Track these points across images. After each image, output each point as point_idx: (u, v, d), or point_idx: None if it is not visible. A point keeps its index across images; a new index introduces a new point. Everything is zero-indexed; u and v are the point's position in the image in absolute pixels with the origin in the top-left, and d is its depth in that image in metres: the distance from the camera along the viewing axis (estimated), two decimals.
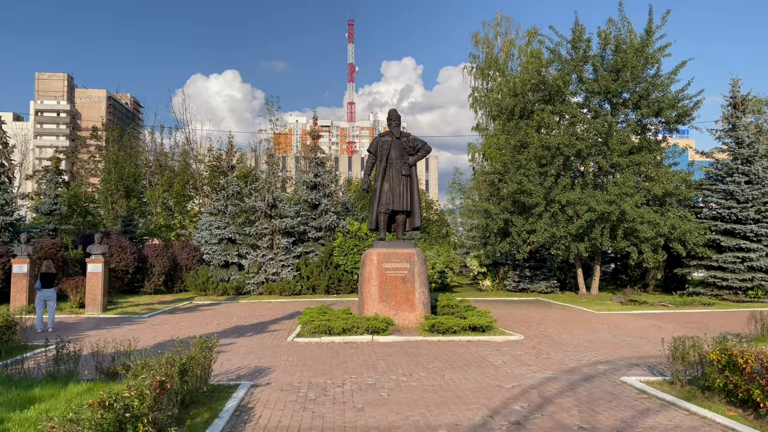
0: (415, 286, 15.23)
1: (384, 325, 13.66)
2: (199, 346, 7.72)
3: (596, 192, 23.02)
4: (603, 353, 11.78)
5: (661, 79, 23.74)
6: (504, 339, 13.53)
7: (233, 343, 12.91)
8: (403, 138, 16.35)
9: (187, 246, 28.09)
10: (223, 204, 28.27)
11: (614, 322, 16.97)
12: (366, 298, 15.27)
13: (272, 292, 25.73)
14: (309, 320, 14.47)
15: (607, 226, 22.54)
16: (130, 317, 18.16)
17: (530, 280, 27.70)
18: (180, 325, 16.11)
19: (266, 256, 26.40)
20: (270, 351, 11.96)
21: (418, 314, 15.09)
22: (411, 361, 10.82)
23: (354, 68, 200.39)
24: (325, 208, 28.04)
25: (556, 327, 15.89)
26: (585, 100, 25.28)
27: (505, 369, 10.13)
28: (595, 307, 20.81)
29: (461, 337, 13.44)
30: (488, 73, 44.22)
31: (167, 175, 34.56)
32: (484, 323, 14.20)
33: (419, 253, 15.68)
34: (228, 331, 14.90)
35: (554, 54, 25.06)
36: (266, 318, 17.97)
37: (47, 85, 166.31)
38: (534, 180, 23.69)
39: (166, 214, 32.71)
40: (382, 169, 16.09)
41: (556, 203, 23.13)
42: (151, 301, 23.13)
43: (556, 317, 18.31)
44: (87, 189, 35.37)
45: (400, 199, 16.05)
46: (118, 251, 25.13)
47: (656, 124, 24.60)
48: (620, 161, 22.51)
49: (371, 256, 15.45)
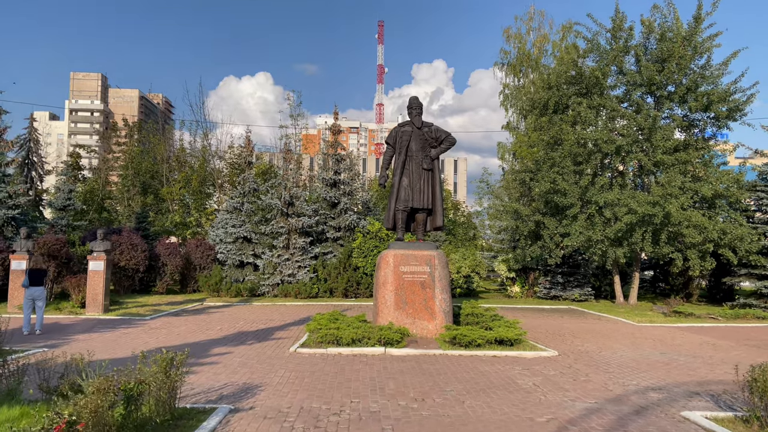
0: (436, 293, 13.67)
1: (398, 336, 12.13)
2: (162, 364, 6.30)
3: (637, 192, 21.10)
4: (653, 376, 10.04)
5: (711, 70, 21.70)
6: (535, 355, 11.87)
7: (228, 353, 11.53)
8: (425, 128, 14.79)
9: (201, 244, 26.95)
10: (239, 201, 27.07)
11: (659, 337, 15.12)
12: (380, 304, 13.76)
13: (287, 294, 24.41)
14: (316, 328, 13.02)
15: (649, 230, 20.59)
16: (130, 319, 16.98)
17: (563, 286, 25.82)
18: (178, 330, 14.83)
19: (282, 257, 25.10)
20: (267, 364, 10.53)
21: (437, 324, 13.52)
22: (426, 381, 9.26)
23: (383, 69, 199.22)
24: (344, 207, 26.62)
25: (593, 341, 14.14)
26: (625, 93, 23.33)
27: (538, 395, 8.51)
28: (636, 319, 18.93)
29: (486, 352, 11.83)
30: (520, 69, 42.37)
31: (185, 171, 33.62)
32: (513, 336, 12.56)
33: (441, 255, 14.11)
34: (228, 338, 13.55)
35: (592, 44, 23.21)
36: (275, 323, 16.61)
37: (82, 84, 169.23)
38: (569, 179, 21.88)
39: (182, 211, 31.76)
40: (401, 162, 14.56)
41: (592, 204, 21.29)
42: (159, 302, 22.01)
43: (593, 329, 16.53)
44: (104, 185, 34.62)
45: (421, 195, 14.50)
46: (129, 249, 24.11)
47: (704, 120, 22.51)
48: (665, 159, 20.53)
49: (387, 258, 13.93)
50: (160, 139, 37.46)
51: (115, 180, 36.53)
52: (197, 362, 10.51)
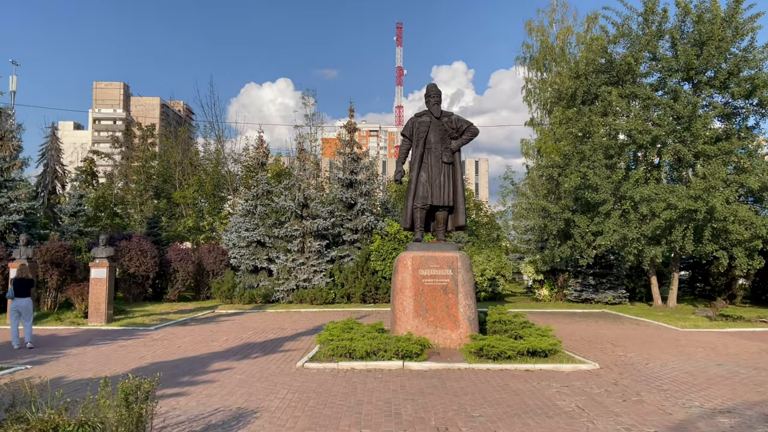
0: (459, 298, 12.35)
1: (418, 348, 10.84)
2: (121, 395, 5.10)
3: (676, 186, 19.51)
4: (716, 395, 8.59)
5: (755, 53, 20.02)
6: (573, 368, 10.47)
7: (228, 369, 10.35)
8: (445, 118, 13.48)
9: (214, 249, 25.96)
10: (252, 204, 26.01)
11: (709, 345, 13.59)
12: (398, 312, 12.48)
13: (303, 300, 23.25)
14: (328, 339, 11.79)
15: (691, 227, 18.98)
16: (134, 330, 15.95)
17: (594, 289, 24.23)
18: (180, 342, 13.72)
19: (297, 261, 23.95)
20: (269, 382, 9.32)
21: (462, 333, 12.20)
22: (450, 403, 7.96)
23: (402, 71, 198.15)
24: (361, 208, 25.40)
25: (636, 350, 12.68)
26: (659, 81, 21.73)
27: (583, 421, 7.15)
28: (679, 323, 17.35)
29: (517, 365, 10.47)
30: (543, 63, 40.79)
31: (198, 174, 32.73)
32: (547, 346, 11.17)
33: (464, 257, 12.79)
34: (232, 351, 12.39)
35: (622, 30, 21.68)
36: (286, 332, 15.43)
37: (104, 93, 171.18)
38: (600, 173, 20.36)
39: (196, 216, 30.88)
40: (419, 155, 13.27)
41: (627, 200, 19.74)
42: (169, 310, 21.01)
43: (632, 336, 15.03)
44: (117, 191, 33.93)
45: (441, 191, 13.19)
46: (138, 255, 23.21)
47: (747, 107, 20.82)
48: (707, 149, 18.90)
49: (404, 260, 12.66)
50: (172, 142, 36.73)
51: (131, 186, 35.81)
52: (191, 381, 9.35)
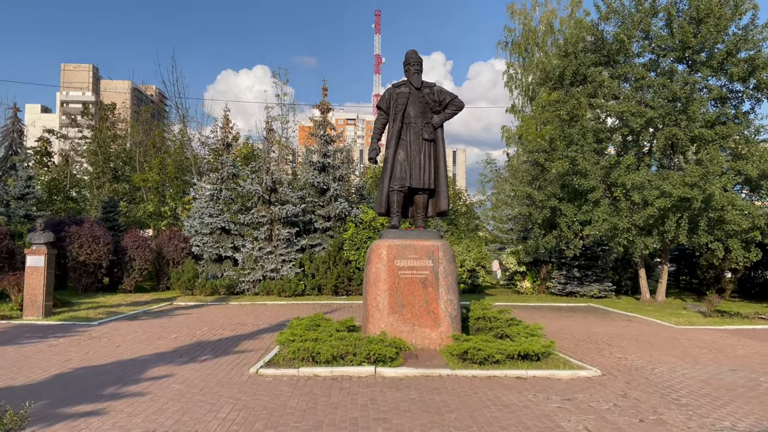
0: (440, 293, 10.86)
1: (393, 352, 9.31)
2: None
3: (671, 172, 18.29)
4: (745, 411, 7.24)
5: (755, 32, 18.83)
6: (572, 375, 9.06)
7: (168, 377, 8.70)
8: (426, 89, 11.92)
9: (175, 236, 24.09)
10: (216, 188, 24.17)
11: (713, 345, 12.35)
12: (371, 308, 10.94)
13: (270, 292, 21.59)
14: (289, 339, 10.19)
15: (685, 216, 17.78)
16: (73, 325, 14.14)
17: (579, 281, 23.01)
18: (122, 340, 11.99)
19: (264, 249, 22.24)
20: (211, 394, 7.71)
21: (443, 332, 10.72)
22: (431, 423, 6.46)
23: (380, 59, 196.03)
24: (334, 194, 23.74)
25: (636, 351, 11.35)
26: (652, 62, 20.48)
27: None
28: (672, 320, 16.14)
29: (507, 372, 9.02)
30: (525, 47, 39.48)
31: (161, 156, 30.65)
32: (539, 349, 9.75)
33: (446, 246, 11.29)
34: (179, 352, 10.73)
35: (613, 5, 20.34)
36: (246, 328, 13.80)
37: (73, 76, 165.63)
38: (589, 158, 19.04)
39: (158, 200, 28.86)
40: (397, 131, 11.70)
41: (618, 187, 18.46)
42: (121, 302, 19.17)
43: (627, 334, 13.74)
44: (75, 173, 31.70)
45: (421, 172, 11.66)
46: (90, 242, 21.27)
47: (746, 90, 19.65)
48: (704, 133, 17.67)
49: (379, 249, 11.11)
50: (133, 122, 34.52)
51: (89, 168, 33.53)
52: (116, 393, 7.70)
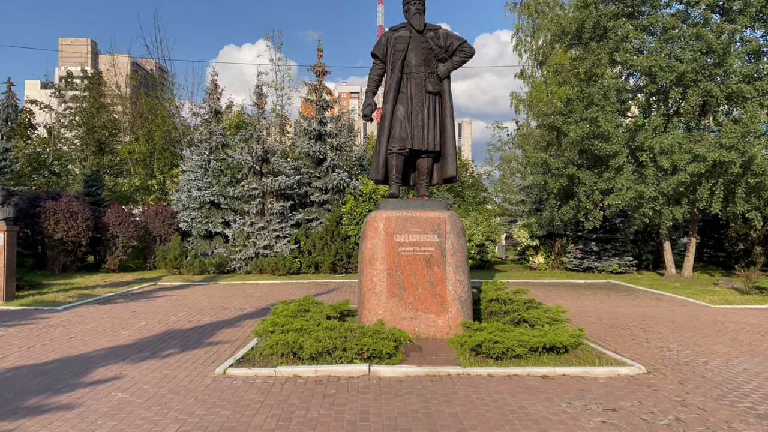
0: (447, 273, 9.18)
1: (391, 346, 7.65)
2: None
3: (705, 133, 16.41)
4: None
5: None
6: (610, 373, 7.39)
7: (115, 379, 7.09)
8: (430, 33, 10.06)
9: (162, 212, 22.44)
10: (205, 159, 22.43)
11: (762, 328, 10.66)
12: (366, 291, 9.28)
13: (263, 270, 20.00)
14: (268, 329, 8.56)
15: (721, 182, 15.95)
16: (33, 311, 12.57)
17: (597, 256, 21.31)
18: (81, 329, 10.38)
19: (256, 225, 20.60)
20: (160, 406, 6.09)
21: (451, 319, 9.07)
22: None
23: (383, 30, 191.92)
24: (332, 164, 21.97)
25: (678, 338, 9.68)
26: (682, 13, 18.43)
27: None
28: (705, 298, 14.45)
29: (531, 369, 7.36)
30: (536, 8, 37.15)
31: (147, 126, 28.84)
32: (567, 339, 8.10)
33: (454, 218, 9.57)
34: (140, 345, 9.12)
35: None
36: (228, 314, 12.21)
37: (71, 50, 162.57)
38: (612, 120, 17.17)
39: (145, 173, 27.18)
40: (396, 82, 9.90)
41: (645, 151, 16.61)
42: (100, 283, 17.63)
43: (660, 315, 12.07)
44: (57, 145, 29.96)
45: (424, 131, 9.91)
46: (67, 218, 19.67)
47: None
48: (743, 88, 15.71)
49: (375, 222, 9.41)
50: (119, 92, 32.69)
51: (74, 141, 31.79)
52: (42, 404, 6.09)
